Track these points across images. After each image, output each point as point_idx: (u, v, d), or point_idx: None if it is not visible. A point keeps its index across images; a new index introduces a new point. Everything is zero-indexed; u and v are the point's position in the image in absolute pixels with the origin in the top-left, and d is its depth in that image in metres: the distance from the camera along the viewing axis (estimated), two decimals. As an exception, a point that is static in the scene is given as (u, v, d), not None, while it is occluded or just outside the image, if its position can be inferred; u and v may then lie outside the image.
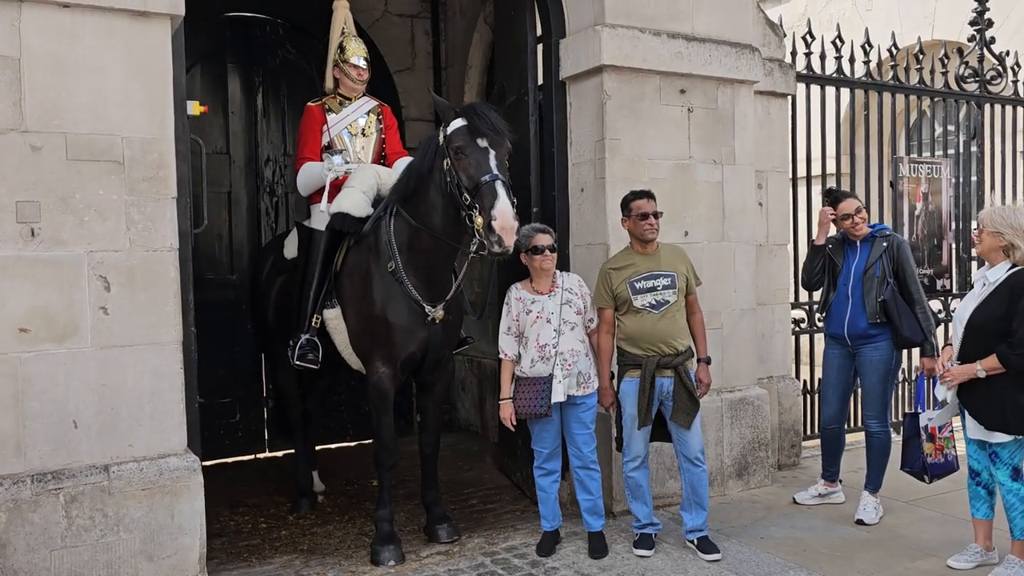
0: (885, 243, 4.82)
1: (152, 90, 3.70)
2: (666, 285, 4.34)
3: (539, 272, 4.32)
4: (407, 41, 7.56)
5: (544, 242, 4.27)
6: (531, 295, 4.35)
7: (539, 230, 4.35)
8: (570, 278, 4.47)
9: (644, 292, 4.30)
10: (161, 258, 3.72)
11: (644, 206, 4.36)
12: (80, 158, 3.56)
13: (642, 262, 4.36)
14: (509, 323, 4.37)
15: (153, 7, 3.65)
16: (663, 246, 4.46)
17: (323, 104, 5.07)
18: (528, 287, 4.39)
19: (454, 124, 4.04)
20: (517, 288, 4.40)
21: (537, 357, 4.28)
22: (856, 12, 10.24)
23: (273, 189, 6.96)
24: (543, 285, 4.35)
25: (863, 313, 4.75)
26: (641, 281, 4.32)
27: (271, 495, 5.73)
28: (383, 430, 4.49)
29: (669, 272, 4.37)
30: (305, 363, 4.62)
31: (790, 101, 6.07)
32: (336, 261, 4.66)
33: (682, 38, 5.07)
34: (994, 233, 3.89)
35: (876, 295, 4.74)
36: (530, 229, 4.33)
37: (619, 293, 4.33)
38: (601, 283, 4.42)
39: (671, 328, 4.32)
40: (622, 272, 4.35)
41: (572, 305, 4.35)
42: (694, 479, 4.40)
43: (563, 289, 4.36)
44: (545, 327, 4.29)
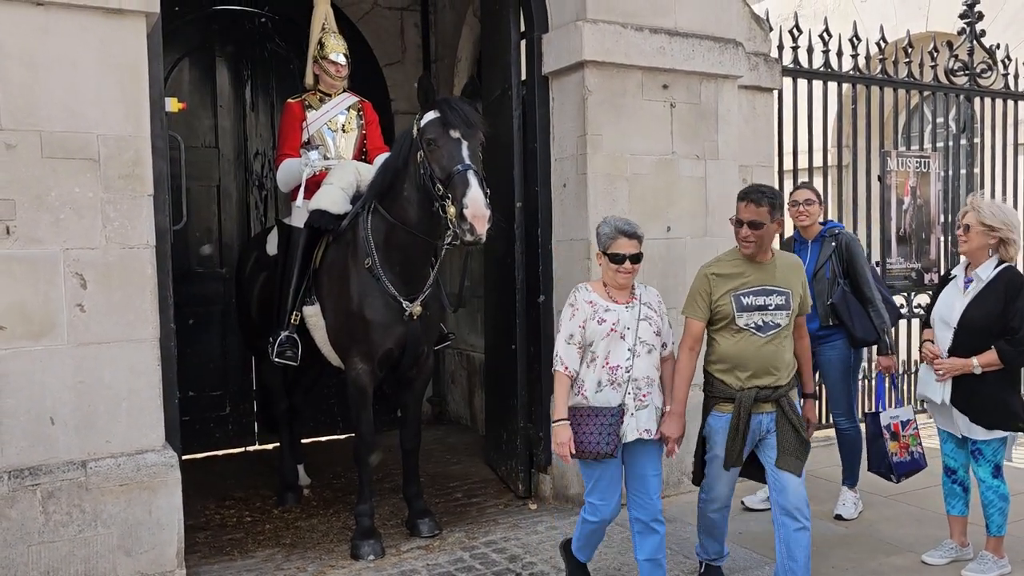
0: (834, 242, 4.73)
1: (128, 87, 3.71)
2: (779, 305, 3.58)
3: (615, 283, 3.59)
4: (397, 34, 7.55)
5: (627, 249, 3.51)
6: (605, 301, 3.57)
7: (624, 231, 3.53)
8: (649, 292, 3.70)
9: (751, 310, 3.56)
10: (138, 255, 3.74)
11: (744, 211, 3.60)
12: (55, 156, 3.58)
13: (754, 273, 3.60)
14: (572, 329, 3.55)
15: (128, 5, 3.66)
16: (779, 255, 3.71)
17: (303, 100, 5.09)
18: (601, 290, 3.61)
19: (427, 117, 4.07)
20: (587, 289, 3.62)
21: (606, 380, 3.51)
22: (851, 4, 10.20)
23: (262, 183, 6.97)
24: (620, 294, 3.60)
25: (815, 315, 4.61)
26: (750, 296, 3.57)
27: (258, 488, 5.77)
28: (362, 425, 4.52)
29: (784, 290, 3.60)
30: (284, 359, 4.65)
31: (776, 96, 6.06)
32: (315, 258, 4.68)
33: (664, 33, 5.06)
34: (985, 230, 3.85)
35: (826, 298, 4.67)
36: (612, 228, 3.56)
37: (720, 306, 3.58)
38: (699, 289, 3.65)
39: (777, 356, 3.57)
40: (729, 281, 3.60)
41: (651, 323, 3.58)
42: (791, 539, 3.53)
43: (642, 303, 3.60)
44: (619, 344, 3.51)
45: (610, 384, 3.51)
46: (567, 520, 4.84)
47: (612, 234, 3.54)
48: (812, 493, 3.95)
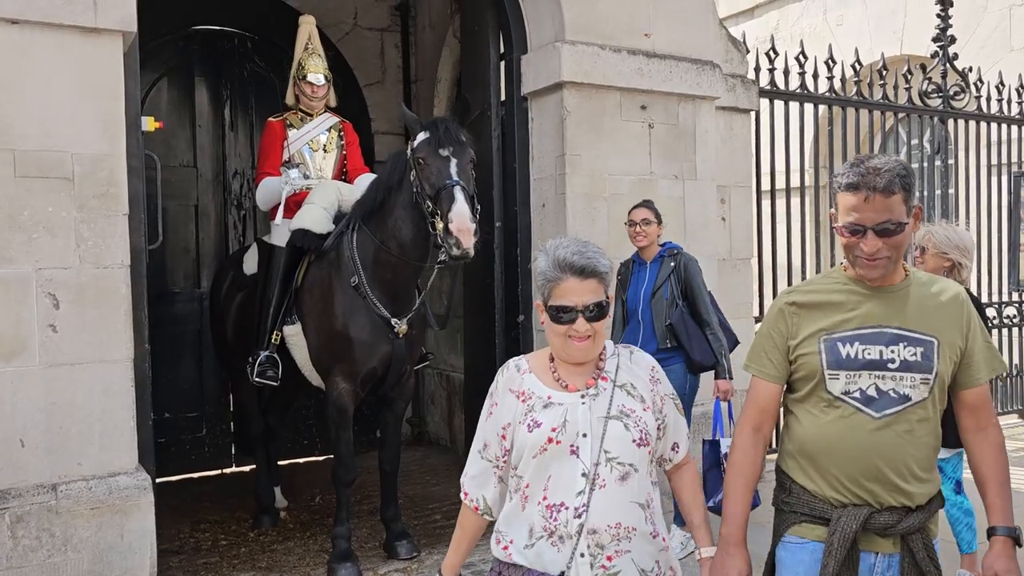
0: (673, 263, 4.58)
1: (103, 106, 3.68)
2: (909, 363, 2.13)
3: (566, 356, 2.13)
4: (377, 55, 7.56)
5: (581, 298, 2.05)
6: (547, 388, 2.13)
7: (575, 266, 2.06)
8: (635, 362, 2.20)
9: (857, 366, 2.14)
10: (112, 275, 3.69)
11: (864, 208, 2.07)
12: (29, 175, 3.54)
13: (867, 304, 2.16)
14: (488, 436, 2.18)
15: (104, 24, 3.64)
16: (916, 277, 2.22)
17: (284, 119, 5.09)
18: (544, 368, 2.17)
19: (419, 137, 4.15)
20: (518, 369, 2.19)
21: (541, 528, 2.06)
22: (827, 27, 10.34)
23: (241, 202, 6.94)
24: (576, 374, 2.13)
25: (653, 337, 4.50)
26: (855, 343, 2.14)
27: (234, 511, 5.69)
28: (342, 446, 4.48)
29: (923, 336, 2.14)
30: (264, 380, 4.61)
31: (753, 117, 6.12)
32: (296, 277, 4.65)
33: (642, 54, 5.10)
34: (939, 255, 3.94)
35: (665, 318, 4.52)
36: (554, 262, 2.08)
37: (803, 358, 2.18)
38: (769, 330, 2.26)
39: (903, 453, 2.14)
40: (821, 315, 2.19)
41: (632, 423, 2.09)
42: None
43: (617, 386, 2.13)
44: (565, 464, 2.06)
45: (547, 536, 2.04)
46: (547, 541, 4.80)
47: (554, 272, 2.05)
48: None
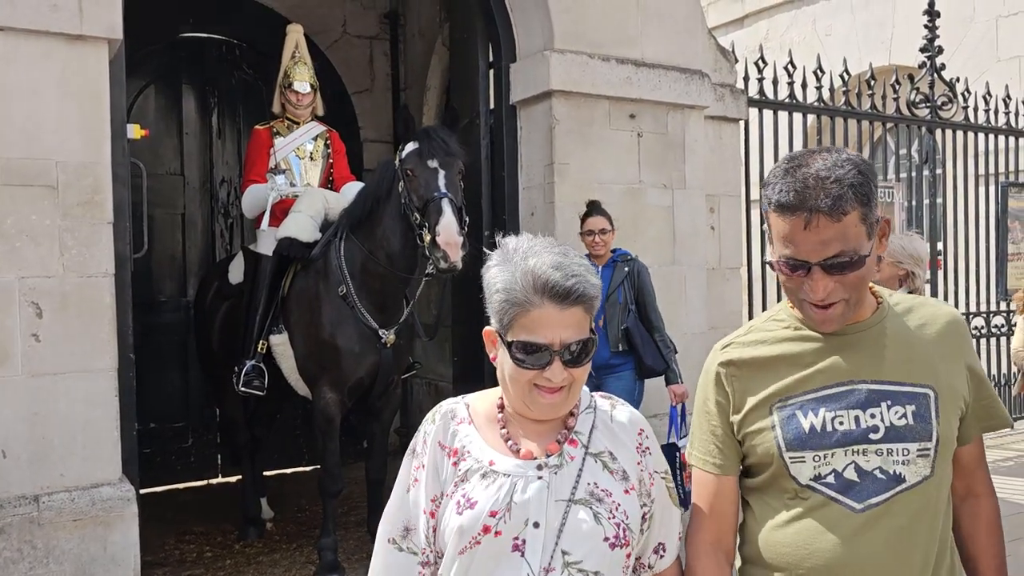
0: (627, 268, 4.62)
1: (88, 114, 3.65)
2: (901, 428, 1.56)
3: (525, 409, 1.54)
4: (366, 62, 7.55)
5: (556, 334, 1.46)
6: (489, 447, 1.56)
7: (551, 290, 1.45)
8: (619, 419, 1.61)
9: (828, 443, 1.56)
10: (96, 284, 3.65)
11: (808, 232, 1.39)
12: (12, 182, 3.50)
13: (831, 351, 1.60)
14: (410, 513, 1.60)
15: (89, 31, 3.61)
16: (893, 307, 1.64)
17: (271, 127, 5.07)
18: (492, 419, 1.60)
19: (407, 148, 4.13)
20: (454, 412, 1.63)
21: None
22: (816, 37, 10.39)
23: (228, 211, 6.91)
24: (534, 433, 1.56)
25: (606, 342, 4.50)
26: (821, 408, 1.58)
27: (220, 522, 5.64)
28: (328, 456, 4.45)
29: (915, 388, 1.58)
30: (250, 389, 4.58)
31: (742, 126, 6.12)
32: (283, 286, 4.62)
33: (631, 63, 5.10)
34: (894, 263, 3.99)
35: (619, 323, 4.54)
36: (523, 280, 1.45)
37: (753, 437, 1.62)
38: (706, 400, 1.70)
39: (902, 558, 1.54)
40: (768, 374, 1.63)
41: (603, 512, 1.50)
42: None
43: (589, 453, 1.55)
44: (505, 566, 1.48)
45: None
46: (535, 552, 4.78)
47: (522, 293, 1.45)
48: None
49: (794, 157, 1.54)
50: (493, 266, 1.50)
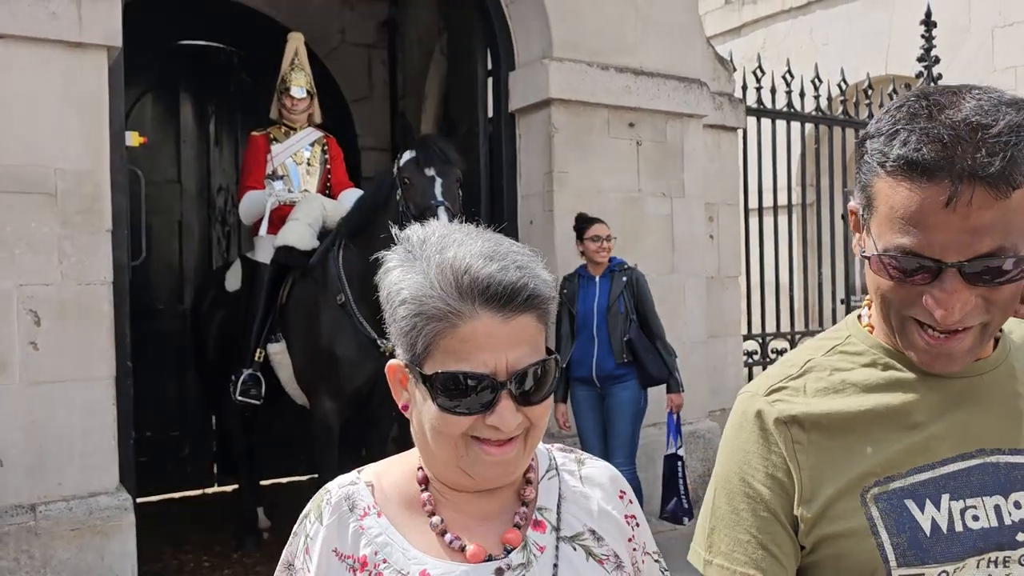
0: (625, 277, 4.56)
1: (87, 121, 3.65)
2: None
3: (468, 459, 1.00)
4: (364, 71, 7.55)
5: (499, 359, 0.97)
6: (416, 549, 1.04)
7: (484, 289, 0.96)
8: (590, 479, 1.14)
9: (959, 549, 0.98)
10: (95, 292, 3.64)
11: (971, 214, 0.91)
12: (11, 190, 3.49)
13: (949, 404, 1.03)
14: None
15: (89, 38, 3.61)
16: (1013, 330, 1.11)
17: (268, 134, 5.07)
18: (413, 501, 1.08)
19: (405, 156, 4.12)
20: (352, 500, 1.08)
21: None
22: (813, 46, 10.41)
23: (225, 218, 6.89)
24: (479, 517, 1.07)
25: (610, 353, 4.47)
26: (945, 494, 1.00)
27: (217, 532, 5.60)
28: (327, 466, 4.42)
29: None
30: (248, 398, 4.56)
31: (740, 135, 6.14)
32: (281, 295, 4.61)
33: (630, 72, 5.11)
34: None
35: (622, 333, 4.49)
36: (434, 277, 0.97)
37: (835, 542, 1.00)
38: (746, 476, 1.05)
39: None
40: (856, 439, 1.02)
41: None
42: None
43: (562, 538, 1.07)
44: None
45: None
46: (534, 562, 4.76)
47: (441, 300, 0.96)
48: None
49: (925, 94, 0.97)
50: (393, 268, 1.01)
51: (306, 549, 1.06)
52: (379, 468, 1.13)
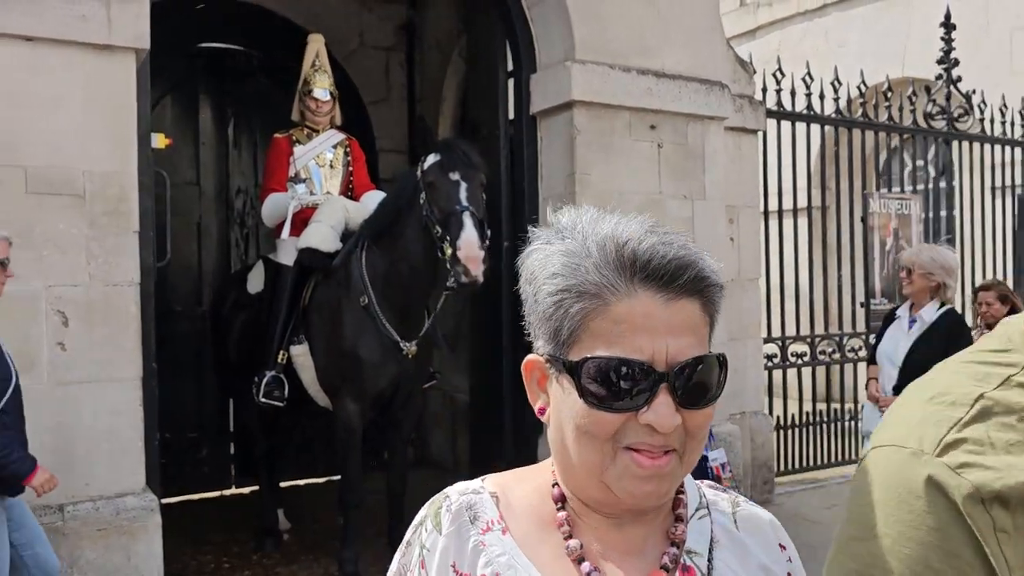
0: None
1: (115, 123, 3.66)
2: None
3: (616, 469, 0.86)
4: (382, 73, 7.56)
5: (660, 345, 0.85)
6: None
7: (646, 266, 0.86)
8: (746, 523, 1.00)
9: None
10: (122, 293, 3.65)
11: None
12: (40, 191, 3.51)
13: None
14: None
15: (117, 41, 3.63)
16: None
17: (290, 136, 5.07)
18: (546, 519, 0.94)
19: (429, 160, 4.12)
20: (473, 511, 0.95)
21: None
22: (829, 48, 10.38)
23: (244, 220, 6.90)
24: (622, 543, 0.93)
25: None
26: None
27: (236, 533, 5.61)
28: (349, 468, 4.43)
29: None
30: (271, 400, 4.56)
31: (760, 137, 6.12)
32: (304, 296, 4.61)
33: (652, 74, 5.10)
34: (925, 275, 4.01)
35: None
36: (593, 251, 0.87)
37: None
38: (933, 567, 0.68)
39: None
40: None
41: None
42: None
43: None
44: None
45: None
46: (556, 565, 4.75)
47: (600, 275, 0.85)
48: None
49: None
50: (537, 248, 0.91)
51: (421, 562, 0.94)
52: (505, 479, 0.99)
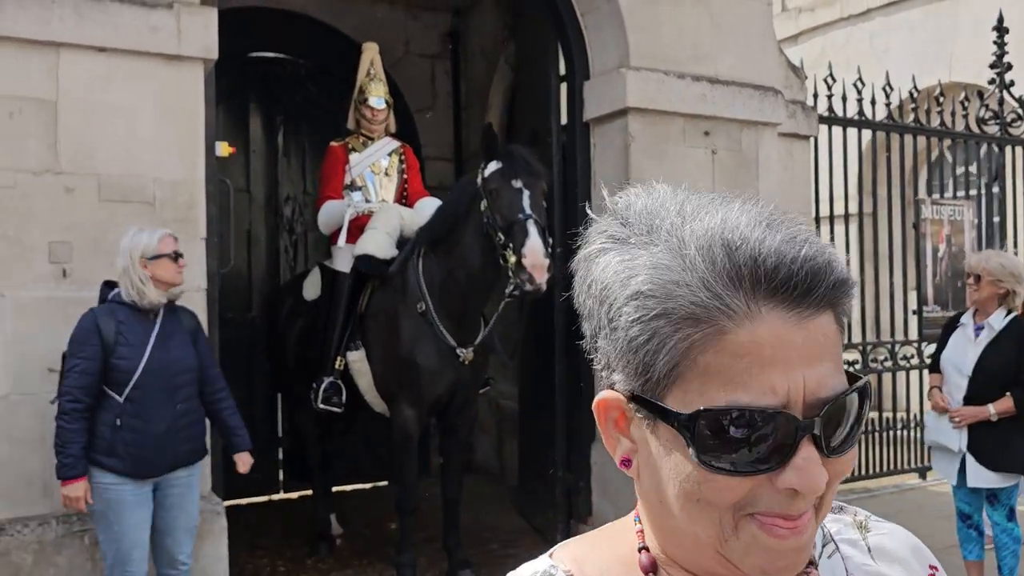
0: None
1: (183, 132, 3.73)
2: None
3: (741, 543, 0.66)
4: (428, 81, 7.62)
5: (796, 379, 0.63)
6: None
7: (772, 275, 0.64)
8: (876, 548, 0.81)
9: None
10: (190, 298, 3.69)
11: None
12: (112, 199, 3.58)
13: None
14: None
15: (187, 51, 3.69)
16: None
17: (346, 144, 5.12)
18: None
19: (490, 167, 4.13)
20: None
21: None
22: (873, 53, 10.29)
23: (292, 227, 6.98)
24: None
25: None
26: None
27: (287, 538, 5.66)
28: (406, 474, 4.46)
29: None
30: (329, 406, 4.60)
31: (812, 143, 6.08)
32: (360, 303, 4.65)
33: (706, 80, 5.09)
34: (993, 282, 3.96)
35: None
36: (701, 257, 0.64)
37: None
38: None
39: None
40: None
41: None
42: None
43: None
44: None
45: None
46: (611, 572, 4.73)
47: (710, 293, 0.63)
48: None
49: None
50: (604, 250, 0.71)
51: None
52: (579, 550, 0.79)
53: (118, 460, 3.15)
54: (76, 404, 3.13)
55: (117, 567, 3.20)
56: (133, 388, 3.15)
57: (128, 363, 3.16)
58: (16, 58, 3.46)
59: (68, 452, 3.13)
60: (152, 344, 3.20)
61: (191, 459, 3.35)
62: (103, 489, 3.17)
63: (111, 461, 3.15)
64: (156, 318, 3.27)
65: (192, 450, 3.35)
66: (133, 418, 3.16)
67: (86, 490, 3.16)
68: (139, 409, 3.16)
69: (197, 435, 3.38)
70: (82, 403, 3.13)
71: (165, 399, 3.21)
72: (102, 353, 3.14)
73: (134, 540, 3.20)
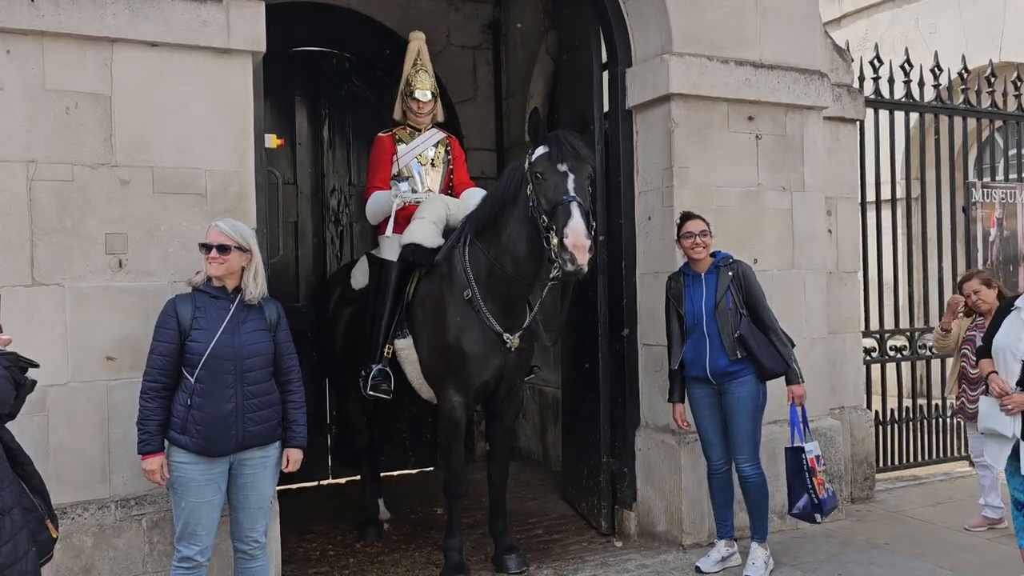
0: (731, 272, 4.45)
1: (234, 124, 3.80)
2: None
3: None
4: (469, 72, 7.65)
5: None
6: None
7: None
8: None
9: None
10: (240, 288, 3.78)
11: None
12: (165, 191, 3.67)
13: None
14: None
15: (236, 44, 3.76)
16: None
17: (393, 134, 5.16)
18: None
19: (537, 152, 4.13)
20: None
21: None
22: (919, 34, 10.10)
23: (338, 218, 7.07)
24: None
25: (722, 351, 4.37)
26: None
27: (336, 522, 5.76)
28: (454, 459, 4.50)
29: None
30: (378, 393, 4.66)
31: (859, 127, 6.00)
32: (407, 291, 4.70)
33: (750, 65, 5.05)
34: None
35: (732, 330, 4.37)
36: None
37: None
38: None
39: None
40: None
41: None
42: None
43: None
44: None
45: None
46: (656, 559, 4.76)
47: None
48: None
49: None
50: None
51: None
52: None
53: (189, 438, 3.30)
54: (153, 383, 3.31)
55: (183, 539, 3.37)
56: (201, 369, 3.29)
57: (199, 346, 3.30)
58: (72, 54, 3.55)
59: (145, 428, 3.32)
60: (223, 329, 3.33)
61: (261, 441, 3.44)
62: (175, 467, 3.34)
63: (184, 439, 3.31)
64: (232, 305, 3.39)
65: (262, 432, 3.43)
66: (201, 398, 3.29)
67: (162, 464, 3.33)
68: (207, 389, 3.30)
69: (268, 418, 3.45)
70: (158, 383, 3.31)
71: (232, 381, 3.33)
72: (178, 336, 3.30)
73: (199, 518, 3.35)
